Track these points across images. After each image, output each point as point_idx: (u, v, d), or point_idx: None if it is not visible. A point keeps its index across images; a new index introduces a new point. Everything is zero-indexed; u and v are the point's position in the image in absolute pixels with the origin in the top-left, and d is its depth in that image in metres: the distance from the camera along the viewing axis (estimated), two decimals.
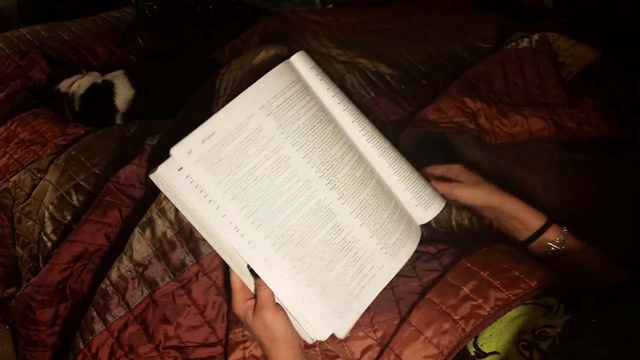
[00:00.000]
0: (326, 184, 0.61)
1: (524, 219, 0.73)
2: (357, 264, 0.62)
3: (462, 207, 0.86)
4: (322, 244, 0.60)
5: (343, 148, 0.64)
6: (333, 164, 0.62)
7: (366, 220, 0.63)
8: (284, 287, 0.59)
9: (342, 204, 0.61)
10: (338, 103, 0.67)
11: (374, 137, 0.69)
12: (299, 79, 0.63)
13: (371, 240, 0.63)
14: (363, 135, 0.68)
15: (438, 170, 0.79)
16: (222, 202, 0.56)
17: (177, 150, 0.55)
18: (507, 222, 0.75)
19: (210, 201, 0.56)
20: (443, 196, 0.75)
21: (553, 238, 0.71)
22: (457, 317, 0.61)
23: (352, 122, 0.67)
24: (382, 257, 0.63)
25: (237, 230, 0.57)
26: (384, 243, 0.63)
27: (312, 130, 0.61)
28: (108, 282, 0.73)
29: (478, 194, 0.75)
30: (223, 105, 0.58)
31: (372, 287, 0.63)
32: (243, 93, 0.59)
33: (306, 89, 0.64)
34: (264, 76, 0.61)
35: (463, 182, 0.76)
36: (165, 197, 0.69)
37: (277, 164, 0.58)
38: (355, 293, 0.61)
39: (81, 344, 0.72)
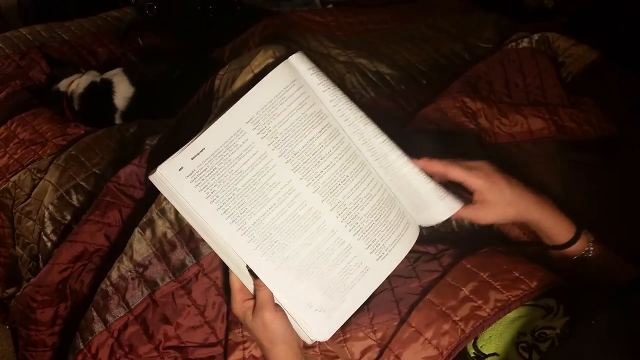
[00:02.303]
0: (311, 189, 0.61)
1: (553, 234, 0.66)
2: (340, 265, 0.62)
3: None
4: (304, 247, 0.60)
5: (343, 154, 0.64)
6: (321, 171, 0.62)
7: (354, 224, 0.63)
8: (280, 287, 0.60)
9: (330, 210, 0.62)
10: (340, 104, 0.67)
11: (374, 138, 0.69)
12: (292, 84, 0.63)
13: (358, 245, 0.62)
14: (362, 135, 0.68)
15: (457, 173, 0.64)
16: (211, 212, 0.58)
17: (167, 167, 0.57)
18: (532, 230, 0.69)
19: (213, 205, 0.57)
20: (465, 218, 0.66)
21: (579, 250, 0.65)
22: (457, 318, 0.61)
23: (345, 120, 0.67)
24: (369, 260, 0.63)
25: (240, 233, 0.58)
26: (374, 248, 0.63)
27: (305, 140, 0.62)
28: (108, 282, 0.73)
29: (507, 215, 0.65)
30: (220, 109, 0.59)
31: (356, 292, 0.63)
32: (231, 108, 0.60)
33: (302, 92, 0.64)
34: (253, 88, 0.61)
35: (488, 202, 0.64)
36: (166, 198, 0.69)
37: (264, 173, 0.60)
38: (340, 298, 0.61)
39: (81, 344, 0.72)
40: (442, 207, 0.66)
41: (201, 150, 0.58)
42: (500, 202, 0.64)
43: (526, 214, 0.65)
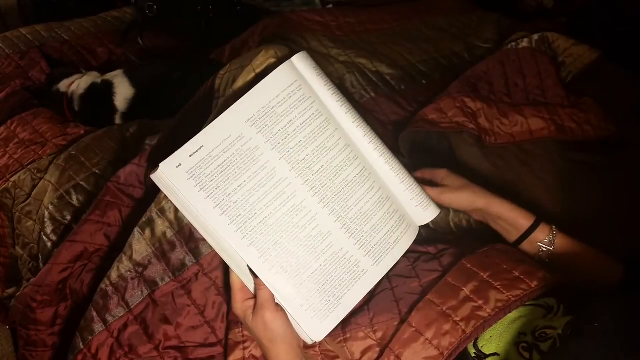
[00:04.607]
0: (306, 188, 0.61)
1: (510, 219, 0.73)
2: (336, 267, 0.62)
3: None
4: (302, 249, 0.60)
5: (340, 154, 0.64)
6: (317, 170, 0.62)
7: (350, 226, 0.63)
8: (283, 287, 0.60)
9: (328, 214, 0.62)
10: (341, 105, 0.67)
11: (374, 138, 0.69)
12: (294, 84, 0.63)
13: (354, 247, 0.63)
14: (363, 136, 0.68)
15: (426, 174, 0.79)
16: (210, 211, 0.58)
17: (166, 165, 0.57)
18: (496, 224, 0.75)
19: (209, 201, 0.57)
20: (433, 200, 0.74)
21: (542, 237, 0.71)
22: (458, 319, 0.61)
23: (353, 122, 0.67)
24: (366, 262, 0.63)
25: (237, 231, 0.58)
26: (369, 250, 0.63)
27: (304, 140, 0.62)
28: (108, 282, 0.73)
29: (463, 198, 0.75)
30: (221, 108, 0.59)
31: (351, 295, 0.63)
32: (231, 107, 0.60)
33: (303, 93, 0.64)
34: (254, 88, 0.61)
35: (449, 186, 0.76)
36: (165, 197, 0.69)
37: (261, 172, 0.60)
38: (335, 298, 0.62)
39: (81, 344, 0.72)
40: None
41: (199, 148, 0.58)
42: (457, 186, 0.75)
43: (487, 204, 0.74)
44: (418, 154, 0.95)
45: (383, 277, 0.66)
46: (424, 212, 0.70)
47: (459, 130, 0.93)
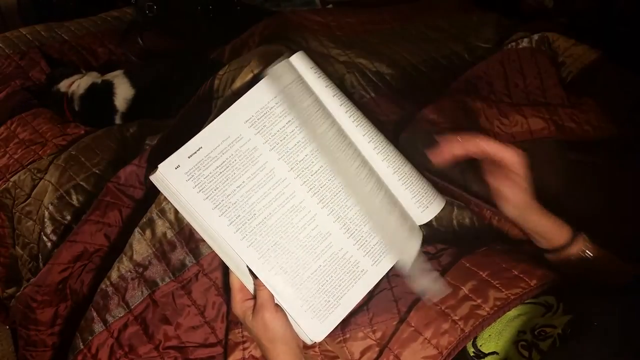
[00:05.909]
0: (305, 189, 0.61)
1: (542, 233, 0.67)
2: (336, 267, 0.62)
3: (463, 206, 0.86)
4: (302, 250, 0.60)
5: (336, 153, 0.64)
6: (316, 171, 0.62)
7: (349, 226, 0.63)
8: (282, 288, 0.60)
9: (328, 215, 0.62)
10: (340, 105, 0.67)
11: (374, 138, 0.69)
12: (293, 84, 0.63)
13: (354, 247, 0.63)
14: (363, 135, 0.68)
15: (490, 146, 0.61)
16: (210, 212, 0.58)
17: (164, 166, 0.57)
18: (526, 232, 0.70)
19: (208, 203, 0.58)
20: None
21: (575, 252, 0.66)
22: (456, 318, 0.61)
23: (353, 122, 0.67)
24: (365, 263, 0.63)
25: (236, 232, 0.58)
26: (368, 250, 0.63)
27: (302, 140, 0.62)
28: (108, 282, 0.73)
29: (522, 205, 0.65)
30: (219, 109, 0.59)
31: (354, 292, 0.63)
32: (229, 108, 0.60)
33: (302, 94, 0.64)
34: (252, 88, 0.61)
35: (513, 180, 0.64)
36: (165, 198, 0.69)
37: (260, 172, 0.60)
38: (335, 298, 0.61)
39: (81, 344, 0.72)
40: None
41: (198, 149, 0.58)
42: (521, 186, 0.64)
43: (530, 211, 0.66)
44: (418, 154, 0.95)
45: (382, 277, 0.66)
46: (425, 211, 0.70)
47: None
